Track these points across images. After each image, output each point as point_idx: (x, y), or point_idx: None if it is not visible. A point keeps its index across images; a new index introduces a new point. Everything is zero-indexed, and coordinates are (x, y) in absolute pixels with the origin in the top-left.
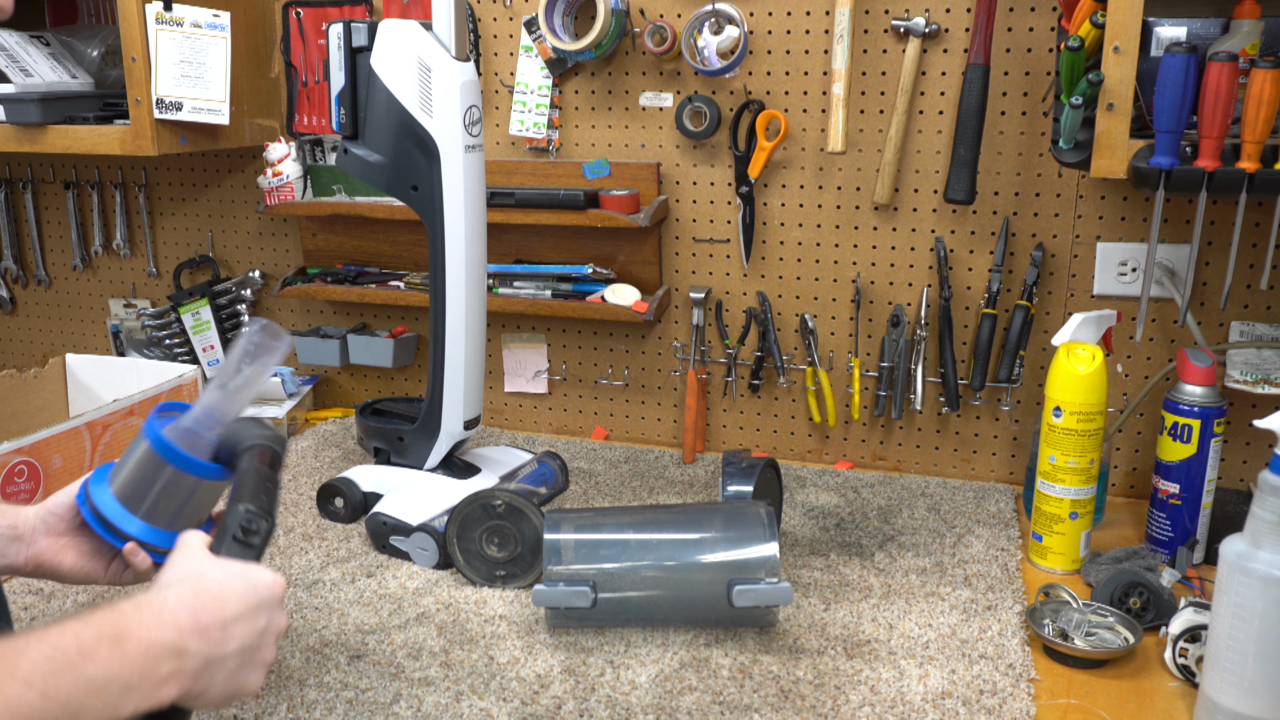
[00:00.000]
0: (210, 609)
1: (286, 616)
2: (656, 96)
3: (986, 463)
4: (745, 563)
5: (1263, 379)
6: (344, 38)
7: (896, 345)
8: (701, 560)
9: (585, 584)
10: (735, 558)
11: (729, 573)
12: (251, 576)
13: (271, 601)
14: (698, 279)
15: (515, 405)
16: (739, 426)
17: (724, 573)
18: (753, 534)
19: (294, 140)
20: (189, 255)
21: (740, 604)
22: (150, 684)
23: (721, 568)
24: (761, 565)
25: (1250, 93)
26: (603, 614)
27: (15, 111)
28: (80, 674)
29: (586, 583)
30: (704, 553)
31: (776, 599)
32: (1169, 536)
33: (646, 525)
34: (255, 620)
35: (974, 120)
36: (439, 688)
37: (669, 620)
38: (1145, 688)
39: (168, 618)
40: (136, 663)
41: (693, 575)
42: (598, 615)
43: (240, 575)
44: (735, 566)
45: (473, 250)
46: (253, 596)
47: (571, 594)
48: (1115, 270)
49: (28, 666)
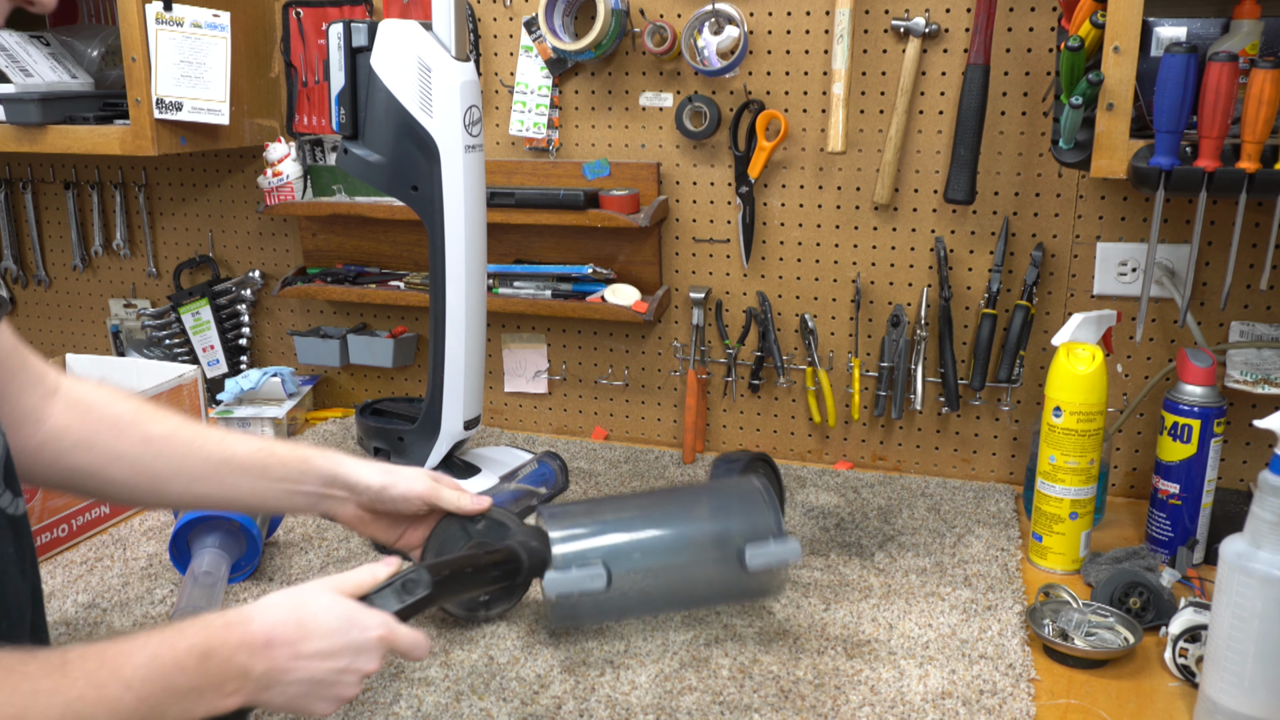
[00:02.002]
0: (288, 638)
1: (379, 663)
2: (656, 96)
3: (986, 463)
4: (751, 528)
5: (1263, 379)
6: (344, 38)
7: (896, 345)
8: (709, 528)
9: (596, 565)
10: (740, 523)
11: (737, 538)
12: (355, 619)
13: (361, 645)
14: (698, 279)
15: (515, 405)
16: (739, 426)
17: (732, 539)
18: (751, 501)
19: (294, 140)
20: (189, 255)
21: (754, 565)
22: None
23: (729, 534)
24: (766, 528)
25: (1250, 93)
26: (615, 599)
27: (15, 111)
28: (170, 683)
29: (597, 564)
30: (710, 521)
31: (787, 556)
32: (1169, 536)
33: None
34: (335, 659)
35: (974, 120)
36: (439, 688)
37: (681, 598)
38: (1145, 688)
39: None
40: (214, 677)
41: (703, 544)
42: (610, 602)
43: (344, 616)
44: (742, 533)
45: (473, 250)
46: (341, 638)
47: (585, 577)
48: (1115, 270)
49: (130, 671)
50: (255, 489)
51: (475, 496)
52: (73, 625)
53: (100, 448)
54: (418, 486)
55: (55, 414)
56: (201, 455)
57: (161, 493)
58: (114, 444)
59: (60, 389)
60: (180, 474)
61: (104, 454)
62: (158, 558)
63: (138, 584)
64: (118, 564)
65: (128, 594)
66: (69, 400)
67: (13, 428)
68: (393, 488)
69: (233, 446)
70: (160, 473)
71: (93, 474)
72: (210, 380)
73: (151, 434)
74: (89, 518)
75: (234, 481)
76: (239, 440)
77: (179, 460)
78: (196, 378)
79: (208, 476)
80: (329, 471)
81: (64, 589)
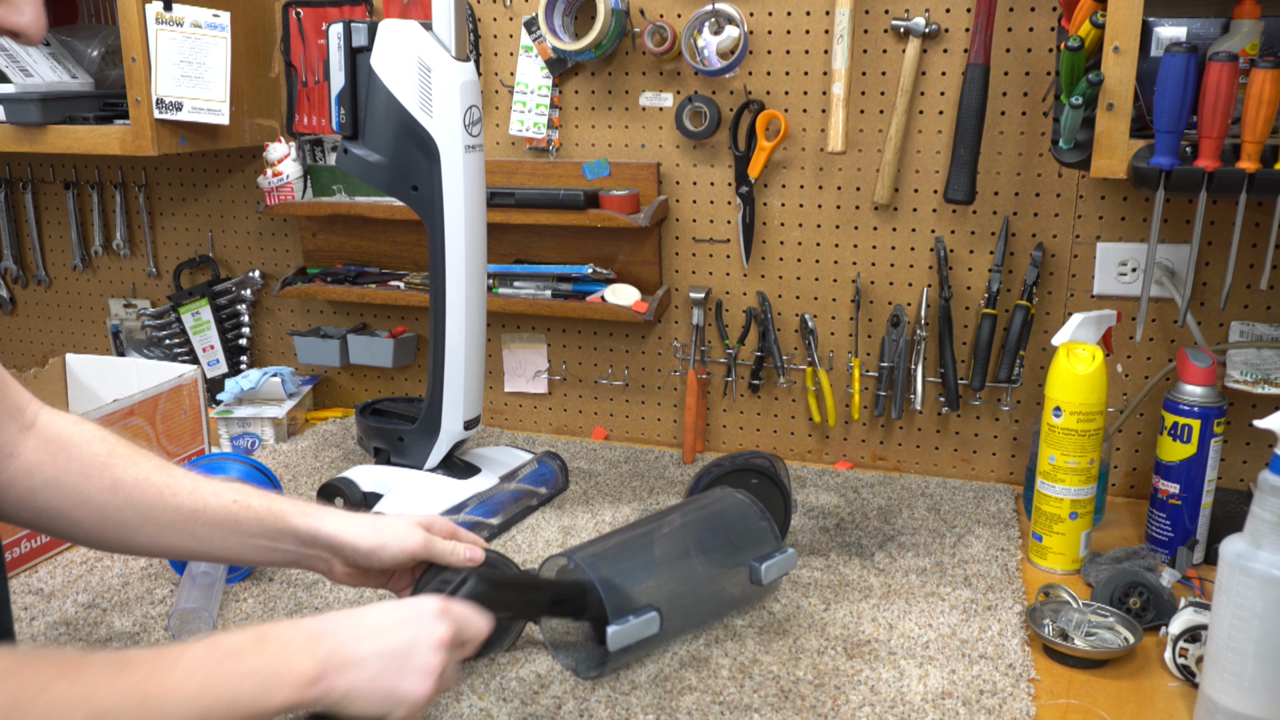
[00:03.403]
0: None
1: (449, 629)
2: (656, 96)
3: (986, 463)
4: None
5: (1263, 379)
6: (344, 38)
7: (896, 345)
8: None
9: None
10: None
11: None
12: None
13: (421, 615)
14: (698, 279)
15: (515, 405)
16: (739, 426)
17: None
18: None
19: (294, 140)
20: (189, 255)
21: (769, 580)
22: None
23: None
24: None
25: (1250, 93)
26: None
27: (15, 111)
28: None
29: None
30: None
31: (790, 565)
32: (1169, 536)
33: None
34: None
35: (974, 120)
36: None
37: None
38: (1145, 688)
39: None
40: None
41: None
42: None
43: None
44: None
45: (473, 250)
46: (399, 610)
47: (642, 624)
48: (1115, 270)
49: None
50: (228, 544)
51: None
52: (73, 625)
53: (69, 490)
54: (409, 545)
55: (28, 450)
56: (171, 505)
57: (129, 541)
58: (82, 487)
59: (37, 423)
60: (148, 523)
61: (72, 497)
62: (158, 558)
63: (138, 584)
64: (118, 564)
65: (128, 594)
66: (43, 436)
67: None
68: (382, 550)
69: (204, 498)
70: (128, 521)
71: (60, 516)
72: (210, 380)
73: (121, 480)
74: None
75: (205, 534)
76: (212, 491)
77: (147, 509)
78: (196, 378)
79: (177, 528)
80: (308, 531)
81: (64, 589)
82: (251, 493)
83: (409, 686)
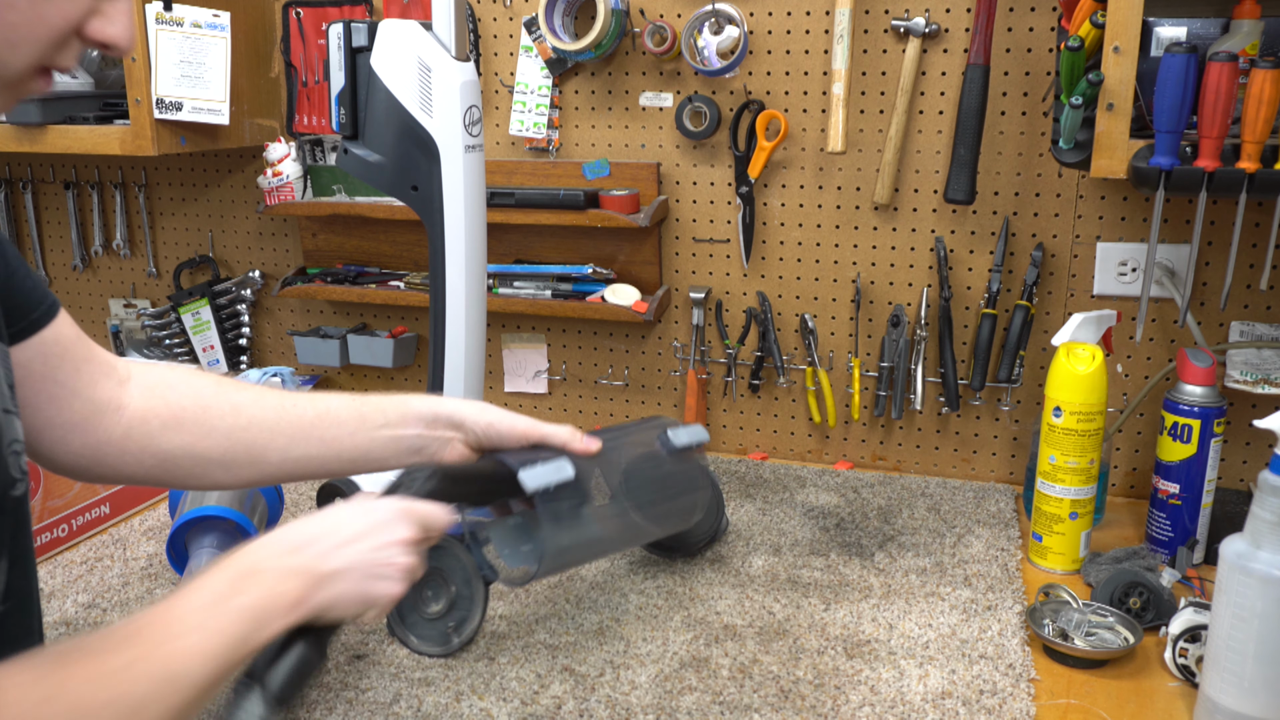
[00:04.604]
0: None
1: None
2: (656, 96)
3: (986, 463)
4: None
5: (1263, 379)
6: (344, 38)
7: (896, 345)
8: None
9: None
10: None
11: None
12: (369, 503)
13: (386, 518)
14: (698, 279)
15: (515, 405)
16: (739, 426)
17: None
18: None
19: (294, 140)
20: (189, 255)
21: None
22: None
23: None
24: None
25: (1250, 93)
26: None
27: (15, 111)
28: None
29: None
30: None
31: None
32: (1169, 536)
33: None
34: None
35: (974, 120)
36: (439, 688)
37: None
38: (1145, 688)
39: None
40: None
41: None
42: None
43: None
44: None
45: (473, 250)
46: (365, 518)
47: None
48: (1115, 270)
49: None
50: (357, 441)
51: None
52: (73, 625)
53: (190, 425)
54: (519, 424)
55: (134, 401)
56: (294, 414)
57: (260, 462)
58: (203, 419)
59: (132, 376)
60: (277, 436)
61: (195, 431)
62: (158, 558)
63: (138, 584)
64: (118, 564)
65: (128, 594)
66: (144, 385)
67: (89, 421)
68: (499, 423)
69: (325, 401)
70: (256, 440)
71: (186, 454)
72: None
73: (239, 402)
74: (89, 518)
75: (333, 435)
76: (329, 396)
77: (273, 423)
78: None
79: (305, 434)
80: (430, 411)
81: (64, 589)
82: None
83: (383, 589)
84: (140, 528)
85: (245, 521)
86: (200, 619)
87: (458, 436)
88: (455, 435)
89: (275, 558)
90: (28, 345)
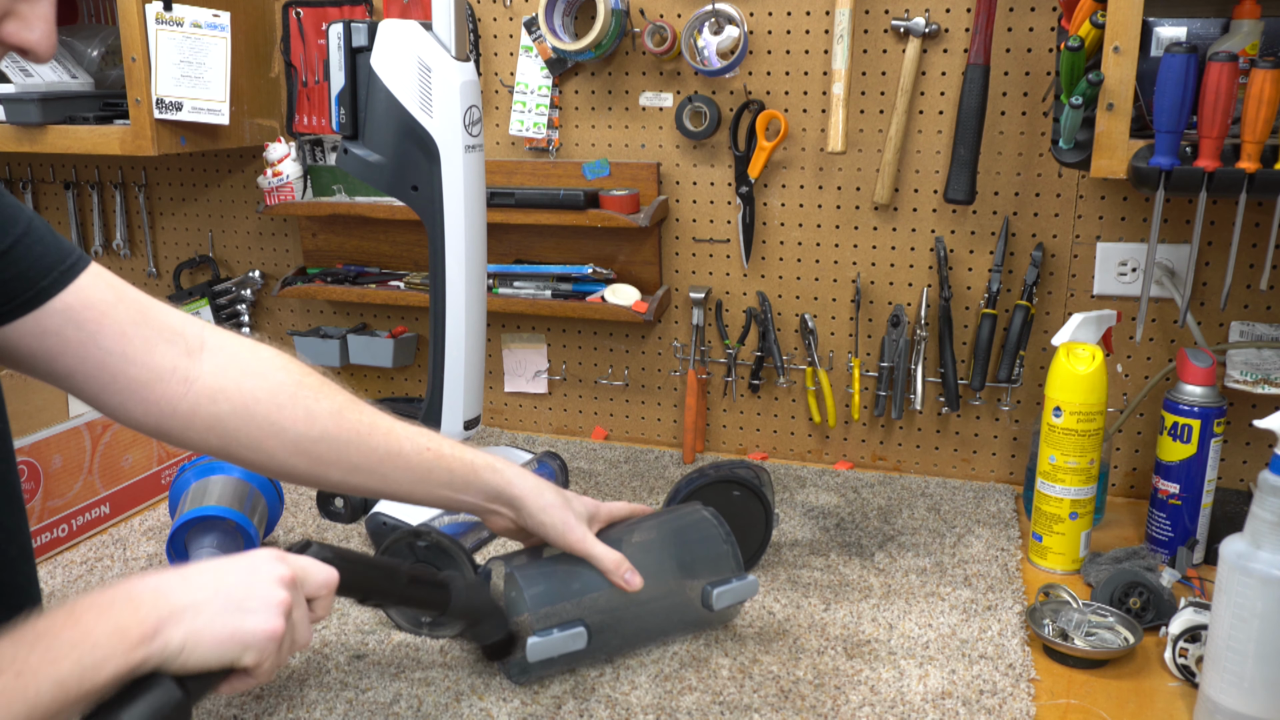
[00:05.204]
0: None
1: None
2: (656, 96)
3: (986, 463)
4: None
5: (1263, 379)
6: (344, 38)
7: (896, 345)
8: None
9: (577, 625)
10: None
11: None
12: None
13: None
14: (698, 279)
15: (515, 405)
16: (739, 426)
17: (697, 580)
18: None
19: (294, 140)
20: (189, 255)
21: (720, 606)
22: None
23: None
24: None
25: (1250, 93)
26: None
27: (15, 111)
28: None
29: (578, 624)
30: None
31: (747, 593)
32: (1169, 536)
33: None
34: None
35: (974, 120)
36: (439, 688)
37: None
38: (1145, 688)
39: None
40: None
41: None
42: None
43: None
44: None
45: (473, 250)
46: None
47: (567, 639)
48: (1115, 270)
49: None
50: (414, 490)
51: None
52: None
53: (260, 419)
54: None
55: (206, 375)
56: (368, 445)
57: (319, 475)
58: (275, 417)
59: (207, 346)
60: (342, 460)
61: (265, 426)
62: (157, 558)
63: None
64: (118, 564)
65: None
66: (219, 362)
67: (149, 388)
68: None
69: (400, 442)
70: (322, 456)
71: (252, 445)
72: None
73: (315, 412)
74: (89, 518)
75: (395, 478)
76: (407, 436)
77: (343, 446)
78: None
79: (369, 469)
80: (495, 488)
81: (64, 589)
82: (442, 441)
83: (255, 623)
84: (140, 528)
85: (245, 522)
86: (10, 656)
87: (514, 518)
88: (509, 513)
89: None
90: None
